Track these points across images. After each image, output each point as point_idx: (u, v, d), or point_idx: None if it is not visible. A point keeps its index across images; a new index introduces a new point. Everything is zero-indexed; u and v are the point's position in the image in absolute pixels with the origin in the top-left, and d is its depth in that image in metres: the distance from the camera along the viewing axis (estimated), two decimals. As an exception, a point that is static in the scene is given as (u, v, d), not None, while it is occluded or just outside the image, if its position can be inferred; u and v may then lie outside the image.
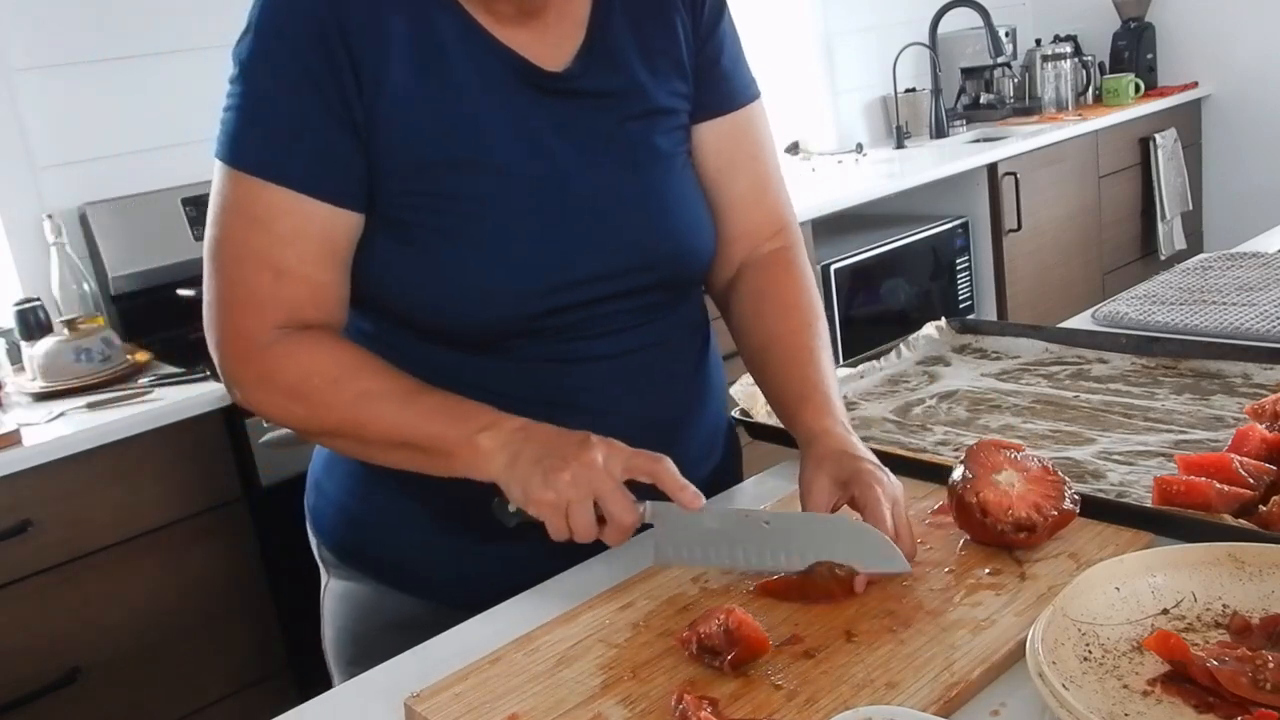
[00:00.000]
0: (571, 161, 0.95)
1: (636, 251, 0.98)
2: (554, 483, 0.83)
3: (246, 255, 0.91)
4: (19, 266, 2.27)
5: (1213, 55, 4.22)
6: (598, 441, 0.85)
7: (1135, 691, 0.68)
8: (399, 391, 0.91)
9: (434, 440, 0.89)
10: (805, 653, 0.78)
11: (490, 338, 0.96)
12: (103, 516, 1.85)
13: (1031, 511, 0.87)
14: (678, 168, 1.03)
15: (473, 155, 0.92)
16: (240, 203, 0.90)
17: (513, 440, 0.86)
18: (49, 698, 1.80)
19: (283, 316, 0.92)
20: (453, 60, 0.92)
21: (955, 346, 1.44)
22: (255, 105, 0.90)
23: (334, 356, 0.92)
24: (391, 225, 0.93)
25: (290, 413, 0.94)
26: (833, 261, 3.01)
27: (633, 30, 1.00)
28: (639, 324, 1.01)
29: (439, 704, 0.77)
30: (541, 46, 0.96)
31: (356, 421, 0.91)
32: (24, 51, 2.25)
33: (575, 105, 0.96)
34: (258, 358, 0.92)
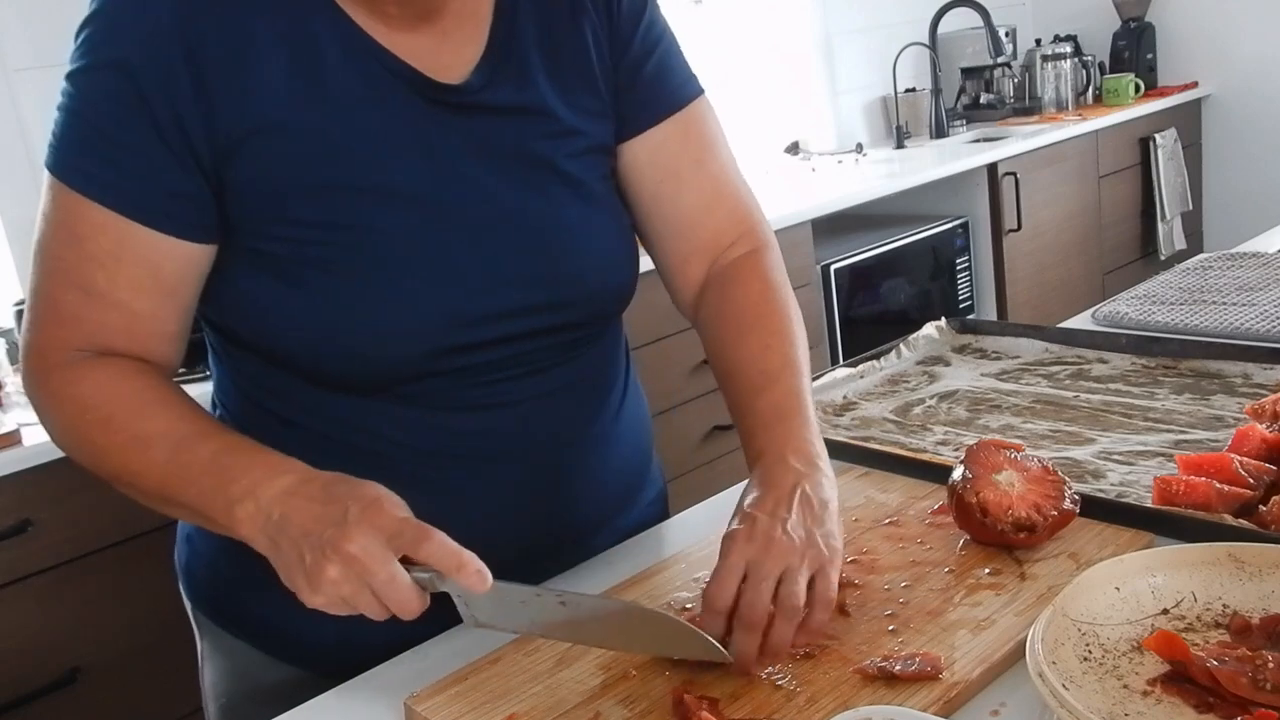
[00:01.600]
0: (469, 185, 0.86)
1: (542, 287, 0.88)
2: (321, 585, 0.71)
3: (57, 271, 0.83)
4: (19, 266, 2.27)
5: (1213, 55, 4.22)
6: (355, 521, 0.71)
7: (1135, 691, 0.68)
8: (173, 439, 0.80)
9: (197, 505, 0.79)
10: (805, 653, 0.78)
11: (383, 382, 0.86)
12: (103, 516, 1.85)
13: (1031, 511, 0.87)
14: (590, 195, 0.92)
15: (356, 178, 0.82)
16: (59, 213, 0.83)
17: (269, 520, 0.74)
18: (49, 698, 1.80)
19: (84, 340, 0.83)
20: (332, 72, 0.82)
21: (955, 346, 1.44)
22: (82, 113, 0.80)
23: (116, 391, 0.82)
24: (264, 260, 0.84)
25: (72, 449, 0.85)
26: (833, 261, 3.01)
27: (539, 42, 0.90)
28: (550, 365, 0.92)
29: (439, 704, 0.77)
30: (436, 56, 0.86)
31: (127, 471, 0.82)
32: (24, 51, 2.25)
33: (474, 122, 0.86)
34: (46, 379, 0.84)
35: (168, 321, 0.85)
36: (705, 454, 2.70)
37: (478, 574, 0.71)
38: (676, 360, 2.59)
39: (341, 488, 0.75)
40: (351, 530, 0.71)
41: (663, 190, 0.97)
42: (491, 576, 0.71)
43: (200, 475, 0.78)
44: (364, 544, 0.70)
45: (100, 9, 0.81)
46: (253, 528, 0.75)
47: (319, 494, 0.74)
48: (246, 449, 0.80)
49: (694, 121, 0.98)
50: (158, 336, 0.85)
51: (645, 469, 1.06)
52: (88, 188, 0.80)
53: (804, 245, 2.91)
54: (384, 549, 0.71)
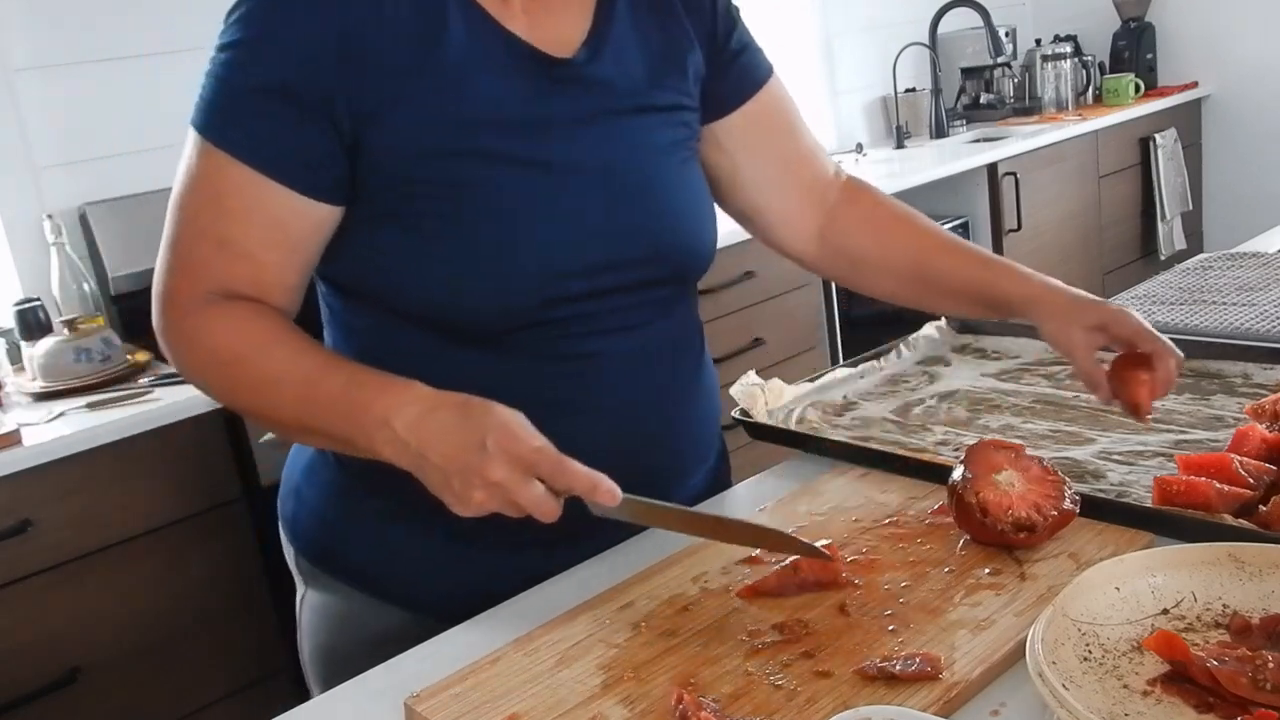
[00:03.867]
0: (578, 149, 0.95)
1: (643, 241, 0.98)
2: (469, 505, 0.81)
3: (195, 222, 0.91)
4: (19, 266, 2.27)
5: (1213, 55, 4.22)
6: (494, 450, 0.79)
7: (1135, 691, 0.68)
8: (299, 376, 0.88)
9: (334, 433, 0.88)
10: (805, 653, 0.78)
11: (495, 328, 0.94)
12: (102, 516, 1.85)
13: (1031, 511, 0.87)
14: (681, 162, 1.03)
15: (479, 145, 0.91)
16: (200, 170, 0.90)
17: (408, 448, 0.83)
18: (49, 698, 1.80)
19: (213, 286, 0.91)
20: (457, 46, 0.91)
21: (955, 346, 1.44)
22: (233, 77, 0.88)
23: (246, 332, 0.90)
24: (394, 216, 0.92)
25: (206, 386, 0.93)
26: (833, 261, 3.01)
27: (636, 25, 1.00)
28: (642, 321, 1.00)
29: (439, 704, 0.77)
30: (546, 32, 0.95)
31: (261, 406, 0.91)
32: (24, 51, 2.25)
33: (581, 93, 0.96)
34: (180, 323, 0.92)
35: (290, 274, 0.93)
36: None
37: (609, 493, 0.81)
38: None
39: (472, 413, 0.82)
40: (492, 460, 0.79)
41: (777, 142, 1.13)
42: (620, 492, 0.82)
43: (335, 407, 0.87)
44: (505, 472, 0.79)
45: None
46: (394, 454, 0.84)
47: (451, 422, 0.82)
48: (372, 379, 0.87)
49: (781, 90, 1.14)
50: (280, 287, 0.93)
51: (715, 432, 1.13)
52: (232, 148, 0.88)
53: (804, 245, 2.91)
54: (523, 475, 0.80)
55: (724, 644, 0.81)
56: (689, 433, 1.07)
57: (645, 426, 1.00)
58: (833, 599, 0.85)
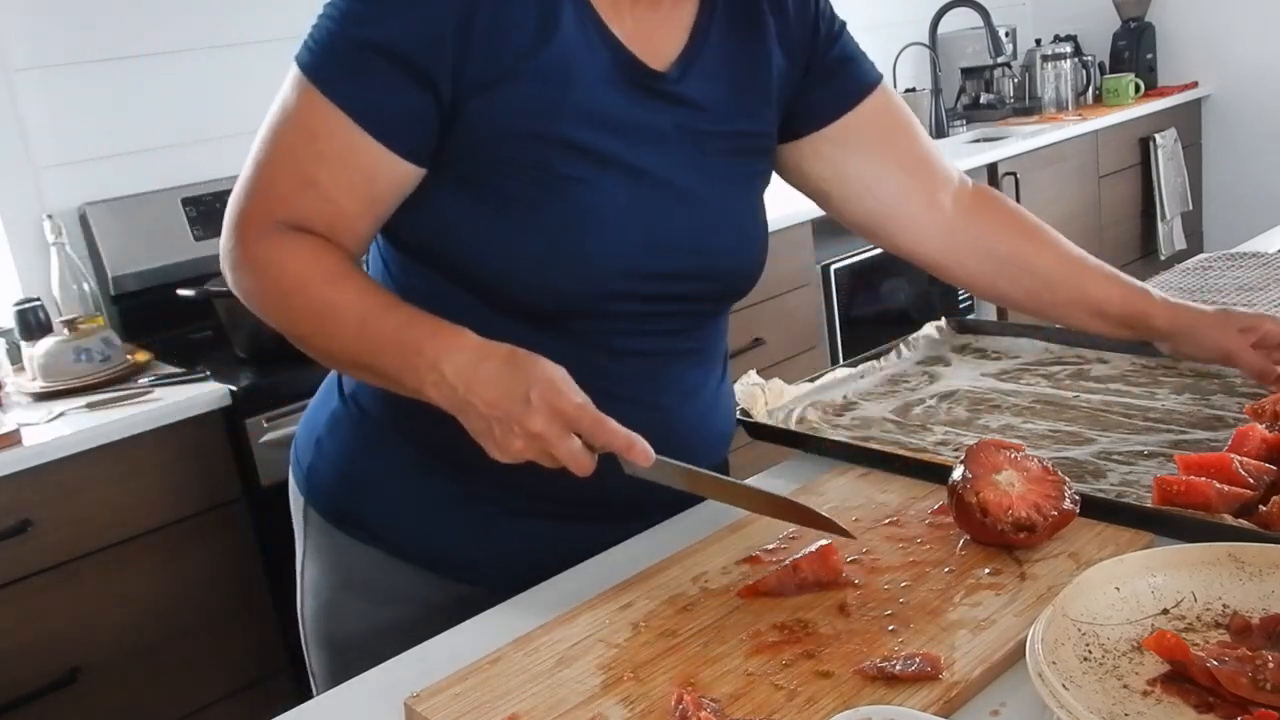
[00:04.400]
0: (657, 160, 0.97)
1: (700, 256, 1.00)
2: (508, 452, 0.85)
3: (285, 156, 0.92)
4: (19, 266, 2.27)
5: (1213, 55, 4.22)
6: (537, 403, 0.83)
7: (1135, 691, 0.68)
8: (358, 311, 0.91)
9: (385, 371, 0.90)
10: (805, 653, 0.78)
11: (553, 310, 0.96)
12: (103, 516, 1.85)
13: (1031, 511, 0.87)
14: (746, 188, 1.05)
15: (570, 136, 0.92)
16: (299, 109, 0.91)
17: (455, 393, 0.86)
18: (49, 698, 1.81)
19: (291, 220, 0.93)
20: (566, 40, 0.92)
21: (955, 346, 1.44)
22: (350, 29, 0.89)
23: (312, 261, 0.92)
24: (476, 188, 0.94)
25: (265, 307, 0.95)
26: (833, 261, 3.01)
27: (726, 46, 1.02)
28: (682, 329, 1.04)
29: (439, 704, 0.77)
30: (646, 41, 0.97)
31: (318, 336, 0.93)
32: (24, 51, 2.25)
33: (669, 108, 0.98)
34: (251, 244, 0.93)
35: (364, 224, 0.95)
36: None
37: (644, 453, 0.86)
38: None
39: (520, 365, 0.85)
40: (534, 413, 0.83)
41: (891, 146, 1.13)
42: (654, 453, 0.86)
43: (388, 345, 0.89)
44: (545, 424, 0.83)
45: None
46: (440, 396, 0.87)
47: (499, 372, 0.85)
48: (425, 320, 0.90)
49: (891, 94, 1.15)
50: (351, 234, 0.94)
51: (726, 445, 1.15)
52: (335, 94, 0.89)
53: (804, 245, 2.91)
54: (563, 429, 0.84)
55: (724, 644, 0.81)
56: (703, 441, 1.09)
57: (666, 426, 1.01)
58: (833, 599, 0.85)
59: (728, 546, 0.96)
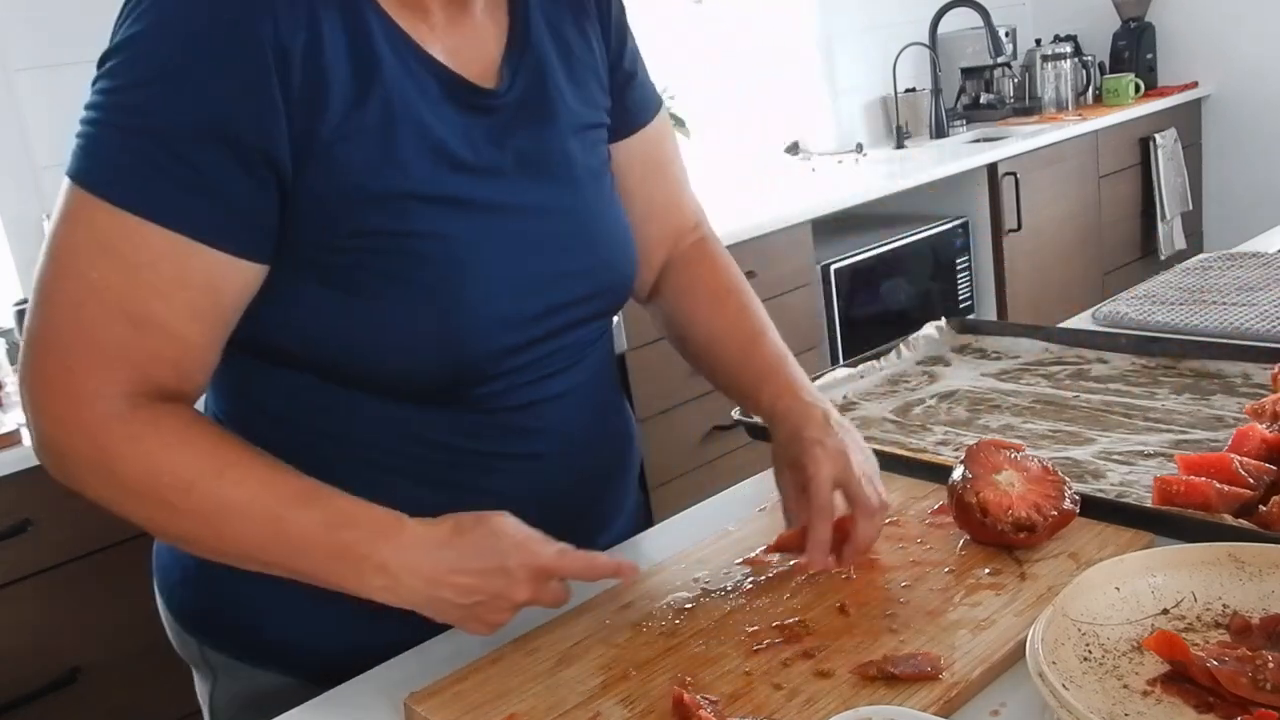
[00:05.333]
0: (517, 186, 0.87)
1: (587, 278, 0.92)
2: (496, 624, 0.80)
3: (100, 300, 0.75)
4: (19, 266, 2.27)
5: (1213, 55, 4.22)
6: (519, 569, 0.78)
7: (1135, 691, 0.68)
8: (266, 510, 0.77)
9: (309, 574, 0.79)
10: (805, 653, 0.78)
11: (442, 386, 0.86)
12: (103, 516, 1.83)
13: (1031, 511, 0.87)
14: (607, 183, 0.97)
15: (416, 186, 0.82)
16: (103, 237, 0.74)
17: (415, 593, 0.78)
18: (49, 698, 1.81)
19: (133, 377, 0.76)
20: (389, 78, 0.81)
21: (955, 346, 1.44)
22: (141, 124, 0.74)
23: (192, 451, 0.77)
24: (327, 272, 0.81)
25: (129, 511, 0.80)
26: (833, 261, 3.01)
27: (554, 40, 0.93)
28: (579, 358, 0.95)
29: (439, 704, 0.77)
30: (467, 58, 0.87)
31: (212, 537, 0.79)
32: (24, 51, 2.25)
33: (510, 122, 0.88)
34: (95, 433, 0.77)
35: (212, 351, 0.81)
36: (704, 454, 2.69)
37: (631, 570, 0.84)
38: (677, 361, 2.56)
39: (480, 539, 0.79)
40: (519, 584, 0.79)
41: (644, 185, 1.04)
42: (638, 566, 0.84)
43: (312, 548, 0.78)
44: (533, 589, 0.79)
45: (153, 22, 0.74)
46: (394, 597, 0.79)
47: (461, 555, 0.78)
48: (355, 515, 0.79)
49: (665, 123, 1.07)
50: (201, 368, 0.81)
51: (635, 468, 1.08)
52: (148, 209, 0.74)
53: (804, 245, 2.91)
54: (546, 580, 0.80)
55: (724, 644, 0.81)
56: (623, 467, 1.04)
57: (579, 466, 0.96)
58: (833, 599, 0.85)
59: (728, 546, 0.96)
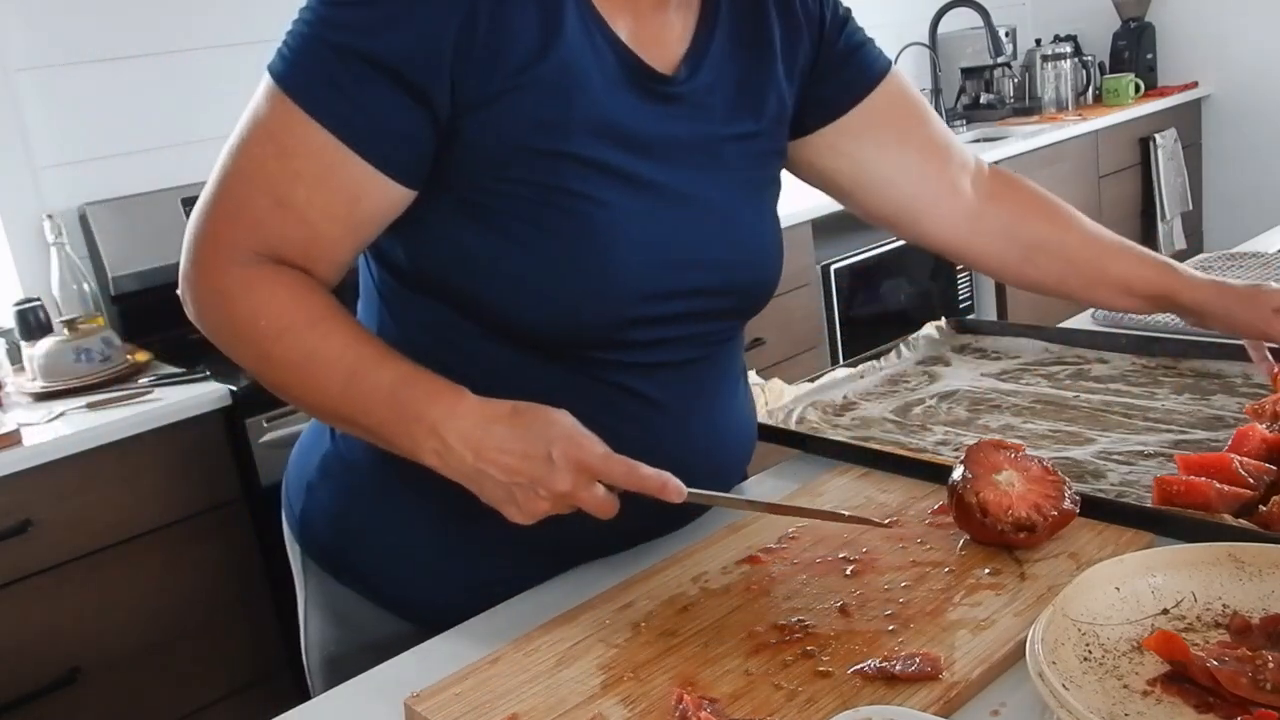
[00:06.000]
0: (673, 170, 0.91)
1: (721, 271, 0.95)
2: (533, 512, 0.81)
3: (256, 174, 0.84)
4: (19, 266, 2.27)
5: (1213, 55, 4.22)
6: (561, 459, 0.79)
7: (1135, 691, 0.68)
8: (346, 363, 0.83)
9: (375, 430, 0.84)
10: (805, 653, 0.78)
11: (568, 341, 0.90)
12: (103, 516, 1.85)
13: (1031, 511, 0.87)
14: (764, 194, 1.01)
15: (580, 150, 0.86)
16: (272, 122, 0.83)
17: (464, 463, 0.81)
18: (49, 698, 1.81)
19: (263, 245, 0.84)
20: (571, 47, 0.85)
21: (955, 346, 1.44)
22: (331, 35, 0.81)
23: (293, 302, 0.84)
24: (480, 212, 0.87)
25: (233, 350, 0.87)
26: (833, 261, 3.01)
27: (732, 49, 0.96)
28: (703, 351, 0.98)
29: (439, 704, 0.77)
30: (652, 45, 0.91)
31: (299, 385, 0.85)
32: (24, 51, 2.25)
33: (678, 112, 0.92)
34: (218, 273, 0.84)
35: (344, 250, 0.87)
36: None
37: (677, 491, 0.82)
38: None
39: (533, 423, 0.81)
40: (559, 472, 0.79)
41: (907, 134, 1.09)
42: (685, 488, 0.83)
43: (379, 404, 0.83)
44: (574, 480, 0.80)
45: None
46: (443, 465, 0.82)
47: (511, 434, 0.81)
48: (423, 380, 0.84)
49: (900, 78, 1.11)
50: (329, 261, 0.87)
51: (746, 462, 1.11)
52: (315, 109, 0.81)
53: (804, 245, 2.91)
54: (590, 481, 0.80)
55: (724, 644, 0.81)
56: (727, 462, 1.06)
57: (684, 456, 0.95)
58: (833, 599, 0.85)
59: (728, 546, 0.96)
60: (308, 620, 1.07)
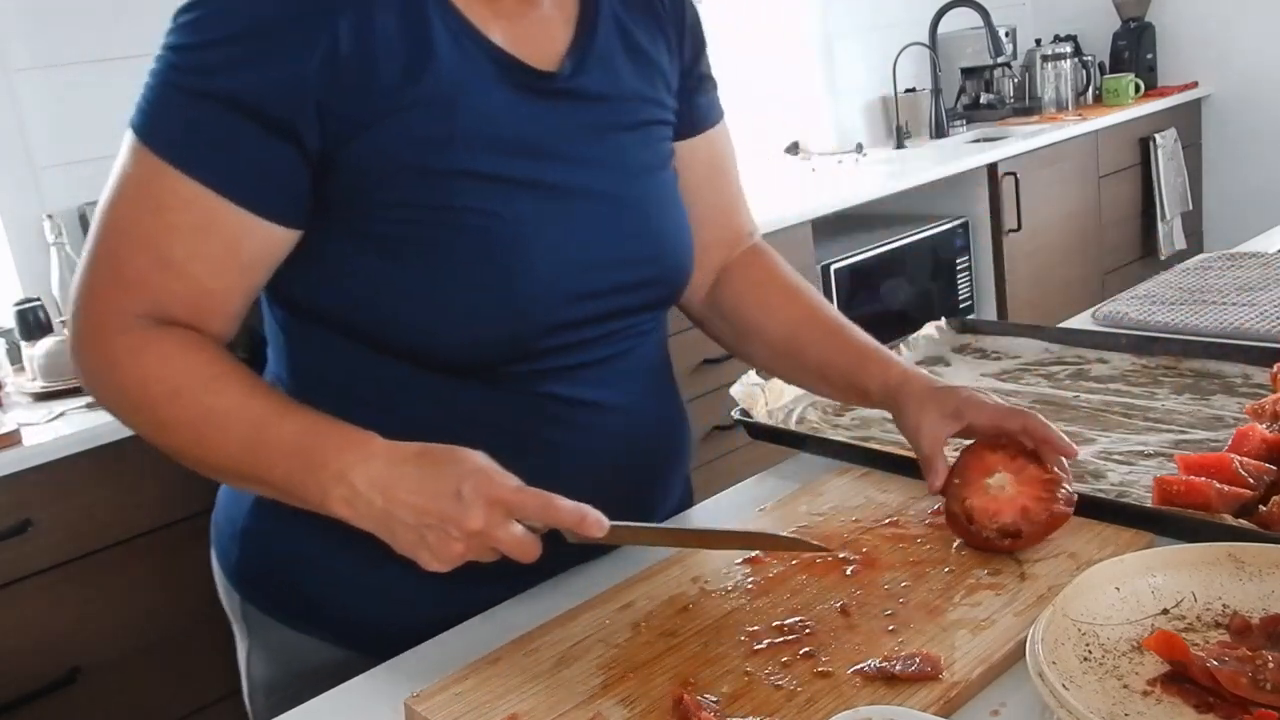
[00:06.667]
0: (570, 170, 0.89)
1: (633, 267, 0.93)
2: (447, 559, 0.77)
3: (131, 233, 0.81)
4: (19, 266, 2.27)
5: (1213, 55, 4.21)
6: (471, 494, 0.75)
7: (1135, 691, 0.68)
8: (245, 418, 0.80)
9: (281, 485, 0.81)
10: (805, 653, 0.78)
11: (479, 362, 0.88)
12: (103, 516, 1.85)
13: (1018, 517, 0.87)
14: (668, 181, 0.98)
15: (467, 164, 0.84)
16: (139, 178, 0.80)
17: (372, 506, 0.77)
18: (49, 698, 1.80)
19: (145, 307, 0.82)
20: (443, 59, 0.83)
21: (955, 346, 1.44)
22: (187, 80, 0.79)
23: (184, 363, 0.81)
24: (373, 241, 0.84)
25: (129, 419, 0.84)
26: (833, 261, 3.01)
27: (621, 36, 0.94)
28: (627, 348, 0.96)
29: (439, 704, 0.77)
30: (531, 45, 0.89)
31: (197, 446, 0.82)
32: (24, 51, 2.25)
33: (568, 108, 0.90)
34: (104, 342, 0.82)
35: (235, 300, 0.85)
36: (704, 454, 2.69)
37: (596, 524, 0.77)
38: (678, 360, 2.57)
39: (442, 462, 0.77)
40: (471, 509, 0.75)
41: (707, 184, 1.06)
42: (607, 521, 0.78)
43: (284, 457, 0.80)
44: (486, 518, 0.75)
45: None
46: (351, 512, 0.78)
47: (420, 474, 0.77)
48: (327, 428, 0.81)
49: (727, 131, 1.09)
50: (221, 313, 0.85)
51: (685, 454, 1.09)
52: (181, 160, 0.79)
53: (804, 245, 2.91)
54: (504, 518, 0.76)
55: (724, 644, 0.81)
56: (660, 464, 1.03)
57: (622, 457, 0.96)
58: (833, 599, 0.85)
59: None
60: (251, 665, 1.04)
